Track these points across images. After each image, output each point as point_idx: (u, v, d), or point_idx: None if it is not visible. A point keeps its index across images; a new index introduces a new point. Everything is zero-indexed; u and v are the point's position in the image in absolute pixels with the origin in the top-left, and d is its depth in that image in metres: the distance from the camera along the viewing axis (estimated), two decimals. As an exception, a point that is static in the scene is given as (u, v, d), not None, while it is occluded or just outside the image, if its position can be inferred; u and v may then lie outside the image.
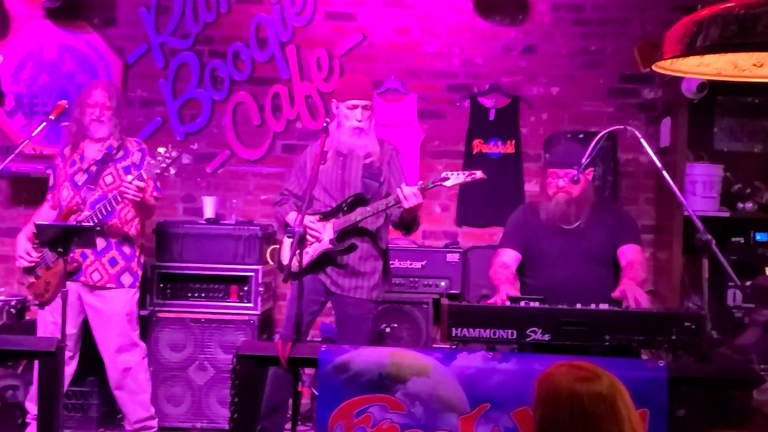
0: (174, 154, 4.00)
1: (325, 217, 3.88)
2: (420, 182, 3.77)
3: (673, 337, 3.14)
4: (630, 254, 3.81)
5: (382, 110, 5.37)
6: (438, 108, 5.45)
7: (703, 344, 3.13)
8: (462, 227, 5.43)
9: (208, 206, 5.17)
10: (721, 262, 3.17)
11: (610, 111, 5.38)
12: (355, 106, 3.85)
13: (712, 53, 2.44)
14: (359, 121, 3.85)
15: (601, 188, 4.97)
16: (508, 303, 3.34)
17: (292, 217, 3.91)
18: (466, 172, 3.69)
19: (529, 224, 3.96)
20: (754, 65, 2.54)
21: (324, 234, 3.85)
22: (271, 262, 4.94)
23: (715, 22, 2.33)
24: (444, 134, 5.46)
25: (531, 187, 5.35)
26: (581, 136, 4.91)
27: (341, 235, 3.83)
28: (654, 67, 2.67)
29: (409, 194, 3.64)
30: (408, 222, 3.84)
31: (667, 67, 2.63)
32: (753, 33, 2.27)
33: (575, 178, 3.61)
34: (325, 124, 3.77)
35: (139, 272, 4.39)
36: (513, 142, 5.36)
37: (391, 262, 4.26)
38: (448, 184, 3.69)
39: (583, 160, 3.51)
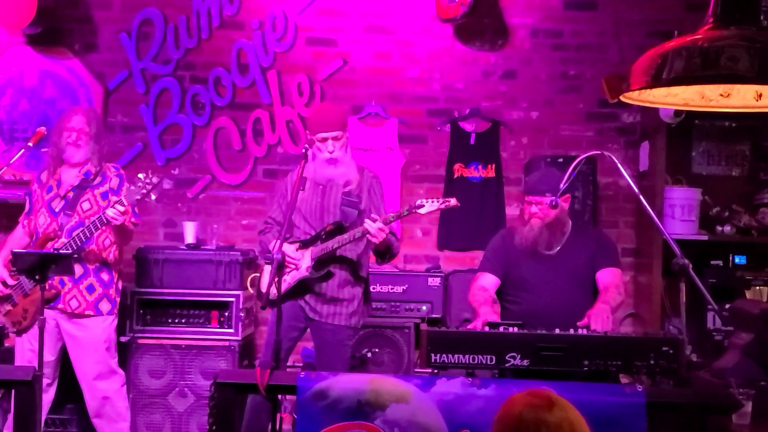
0: (154, 180, 3.99)
1: (304, 245, 3.88)
2: (390, 215, 3.76)
3: (651, 362, 3.13)
4: (607, 278, 3.81)
5: (363, 135, 5.38)
6: (419, 132, 5.46)
7: (681, 368, 3.13)
8: (443, 251, 5.43)
9: (189, 231, 5.15)
10: (699, 286, 3.18)
11: (590, 135, 5.41)
12: (325, 139, 3.86)
13: (678, 85, 2.46)
14: (331, 153, 3.86)
15: (581, 212, 4.99)
16: (487, 328, 3.33)
17: (273, 245, 3.90)
18: (441, 200, 3.72)
19: (509, 249, 3.96)
20: (721, 95, 2.57)
21: (302, 262, 3.84)
22: (251, 290, 4.92)
23: (679, 55, 2.36)
24: (425, 158, 5.47)
25: (512, 210, 5.36)
26: (561, 160, 4.93)
27: (319, 263, 3.82)
28: (622, 98, 2.69)
29: (375, 230, 3.66)
30: (380, 252, 3.85)
31: (635, 97, 2.65)
32: (716, 65, 2.30)
33: (553, 204, 3.61)
34: (304, 150, 3.78)
35: (117, 299, 4.35)
36: (493, 166, 5.38)
37: (372, 286, 4.25)
38: (422, 211, 3.70)
39: (561, 185, 3.52)
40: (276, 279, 3.36)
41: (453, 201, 3.69)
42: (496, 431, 1.95)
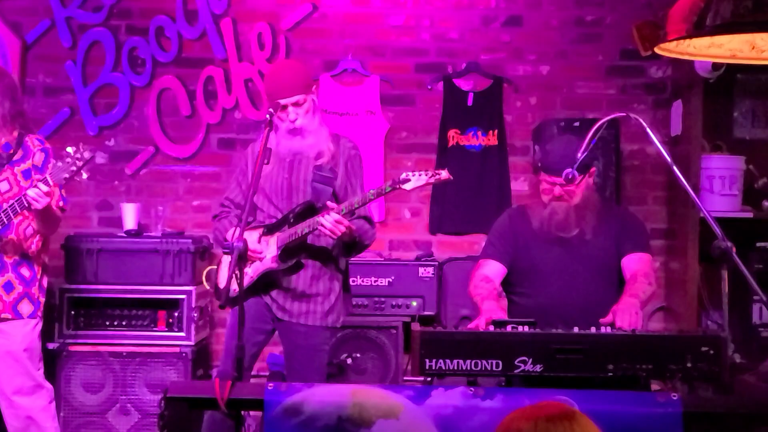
0: (86, 154, 3.95)
1: (269, 230, 3.87)
2: (370, 192, 3.73)
3: (689, 365, 3.15)
4: (635, 265, 3.83)
5: (338, 96, 5.37)
6: (405, 92, 5.46)
7: (723, 372, 3.16)
8: (437, 235, 5.44)
9: (129, 215, 5.14)
10: (744, 273, 3.20)
11: (611, 93, 5.43)
12: (284, 106, 3.84)
13: (724, 33, 2.46)
14: (293, 121, 3.85)
15: (602, 186, 5.00)
16: (491, 328, 3.34)
17: (231, 233, 3.89)
18: (430, 173, 3.68)
19: (518, 232, 3.96)
20: (776, 45, 2.57)
21: (266, 251, 3.84)
22: (206, 285, 4.91)
23: (726, -4, 2.35)
24: (413, 124, 5.47)
25: (518, 185, 5.38)
26: (576, 124, 4.95)
27: (286, 252, 3.81)
28: (656, 50, 2.69)
29: (331, 225, 3.66)
30: (346, 244, 3.86)
31: (672, 49, 2.65)
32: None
33: (569, 176, 3.62)
34: (267, 116, 3.75)
35: (42, 299, 4.32)
36: (496, 132, 5.39)
37: (352, 278, 4.25)
38: (407, 187, 3.67)
39: (579, 154, 3.53)
40: (236, 272, 3.36)
41: (444, 173, 3.67)
42: None
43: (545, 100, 5.45)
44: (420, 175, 3.67)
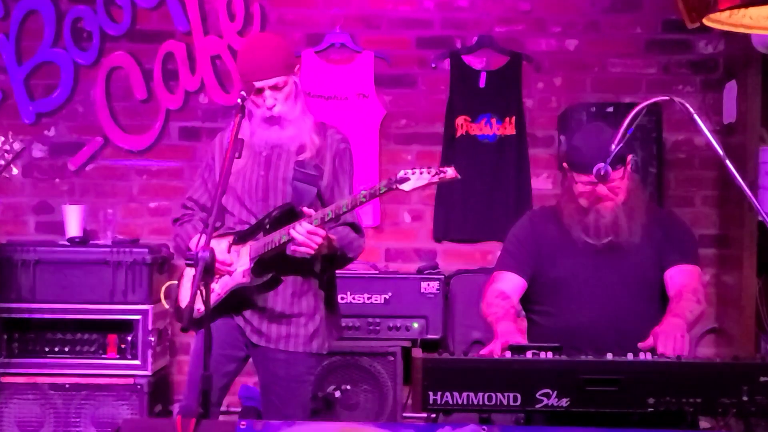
0: (16, 146, 3.96)
1: (241, 238, 3.86)
2: (361, 193, 3.70)
3: (745, 398, 3.15)
4: (681, 279, 3.83)
5: (324, 76, 5.38)
6: (405, 72, 5.48)
7: (786, 407, 3.16)
8: (442, 243, 5.46)
9: (72, 220, 5.14)
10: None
11: (651, 73, 5.44)
12: (260, 90, 3.85)
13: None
14: (271, 108, 3.85)
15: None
16: (508, 354, 3.34)
17: (196, 241, 3.88)
18: (432, 170, 3.65)
19: (541, 238, 3.97)
20: None
21: (237, 262, 3.83)
22: (165, 304, 4.91)
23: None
24: (414, 109, 5.49)
25: (540, 182, 5.38)
26: (610, 110, 4.95)
27: (261, 264, 3.81)
28: (706, 22, 2.69)
29: (303, 238, 3.65)
30: (326, 257, 3.85)
31: (725, 20, 2.66)
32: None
33: (601, 173, 3.62)
34: (239, 100, 3.75)
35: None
36: (513, 119, 5.40)
37: (341, 295, 4.25)
38: (406, 187, 3.64)
39: (613, 145, 3.53)
40: (201, 288, 3.35)
41: (450, 171, 3.64)
42: None
43: (572, 81, 5.46)
44: (421, 173, 3.65)
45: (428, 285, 5.09)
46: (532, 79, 5.45)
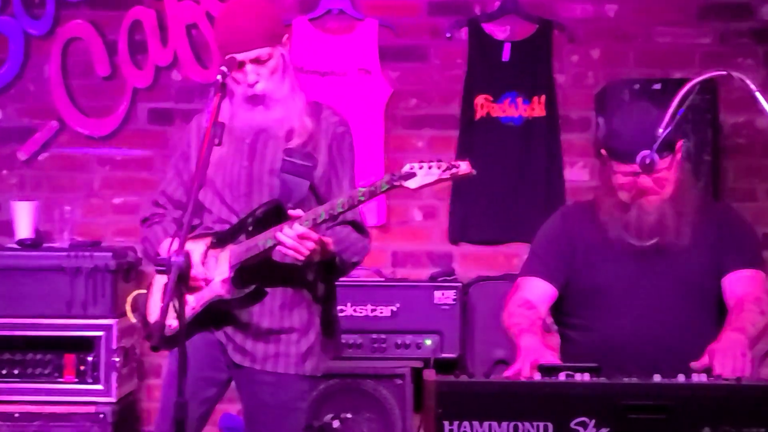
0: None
1: (220, 241, 3.86)
2: (359, 190, 3.69)
3: (816, 427, 3.19)
4: (741, 286, 3.85)
5: (320, 48, 5.40)
6: (415, 43, 5.53)
7: None
8: (459, 245, 5.50)
9: (23, 218, 5.19)
10: None
11: (706, 44, 5.49)
12: (241, 63, 3.85)
13: None
14: (252, 85, 3.86)
15: (694, 174, 5.04)
16: (537, 376, 3.37)
17: (167, 244, 3.87)
18: (444, 165, 3.60)
19: (576, 239, 3.99)
20: None
21: (215, 270, 3.84)
22: (133, 319, 4.93)
23: None
24: (426, 87, 5.53)
25: (575, 173, 5.42)
26: (657, 87, 4.97)
27: (243, 273, 3.82)
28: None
29: (292, 242, 3.66)
30: (325, 264, 3.87)
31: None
32: None
33: (647, 161, 3.64)
34: (219, 77, 3.77)
35: None
36: (543, 98, 5.45)
37: (340, 307, 4.26)
38: (412, 185, 3.60)
39: (660, 129, 3.56)
40: (175, 299, 3.37)
41: (464, 166, 3.59)
42: None
43: (613, 53, 5.51)
44: (430, 168, 3.60)
45: (443, 294, 5.13)
46: (564, 51, 5.50)
